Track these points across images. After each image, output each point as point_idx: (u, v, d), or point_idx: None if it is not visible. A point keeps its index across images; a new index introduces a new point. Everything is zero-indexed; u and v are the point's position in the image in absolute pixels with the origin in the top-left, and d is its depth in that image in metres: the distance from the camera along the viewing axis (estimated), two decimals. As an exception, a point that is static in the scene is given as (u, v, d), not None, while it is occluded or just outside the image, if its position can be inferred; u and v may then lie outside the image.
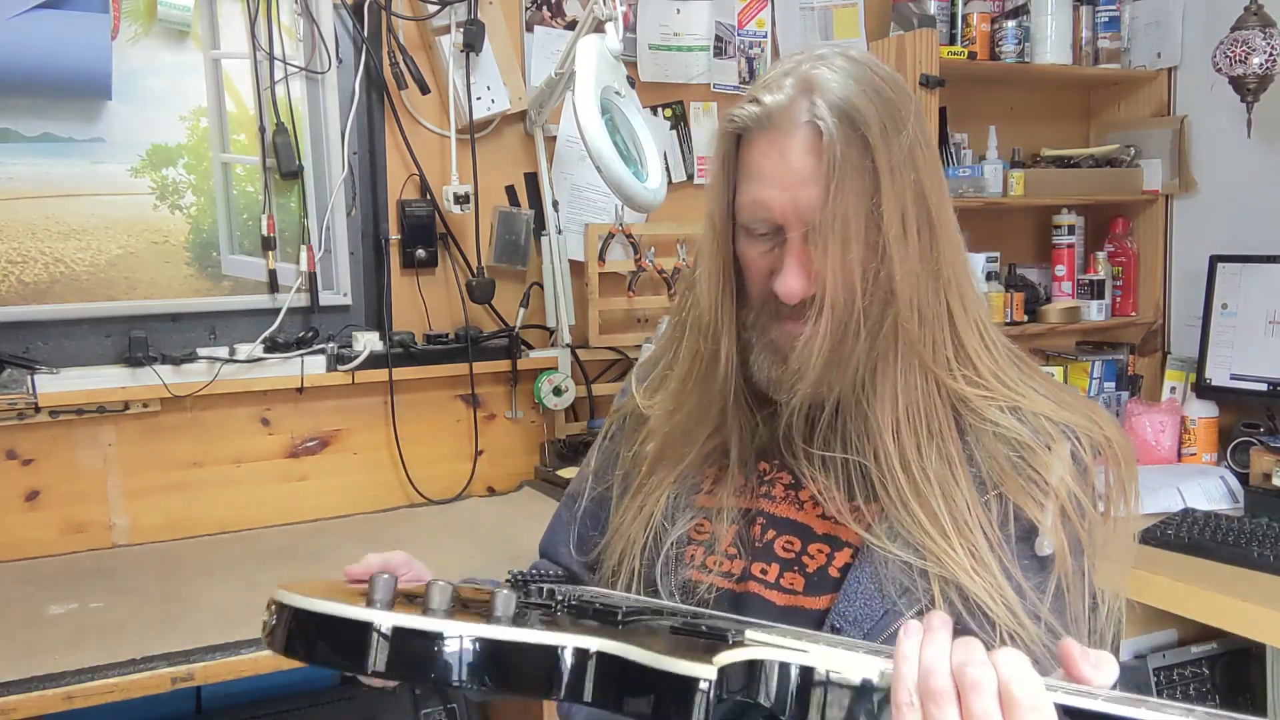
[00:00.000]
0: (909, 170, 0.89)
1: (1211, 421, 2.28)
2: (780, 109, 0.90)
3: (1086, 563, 0.91)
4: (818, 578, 0.93)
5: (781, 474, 0.99)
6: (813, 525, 0.95)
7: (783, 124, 0.90)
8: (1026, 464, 0.90)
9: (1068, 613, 0.89)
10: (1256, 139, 2.35)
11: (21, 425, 1.83)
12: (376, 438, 2.12)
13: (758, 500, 0.98)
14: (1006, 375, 0.95)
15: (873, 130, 0.87)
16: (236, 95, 1.98)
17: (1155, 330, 2.63)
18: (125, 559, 1.83)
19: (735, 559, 0.96)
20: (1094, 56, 2.55)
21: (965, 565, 0.86)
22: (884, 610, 0.88)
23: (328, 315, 2.06)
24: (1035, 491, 0.89)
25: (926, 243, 0.91)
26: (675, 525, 0.99)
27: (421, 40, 2.12)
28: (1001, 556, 0.87)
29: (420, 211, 2.11)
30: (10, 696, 1.27)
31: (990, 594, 0.86)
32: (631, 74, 2.21)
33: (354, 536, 1.93)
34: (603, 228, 2.24)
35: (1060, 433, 0.92)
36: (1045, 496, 0.89)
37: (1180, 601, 1.67)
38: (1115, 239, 2.64)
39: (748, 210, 0.93)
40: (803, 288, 0.90)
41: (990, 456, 0.91)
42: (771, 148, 0.91)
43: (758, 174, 0.92)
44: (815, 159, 0.88)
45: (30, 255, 1.84)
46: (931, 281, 0.91)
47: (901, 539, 0.89)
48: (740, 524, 0.98)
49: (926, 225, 0.90)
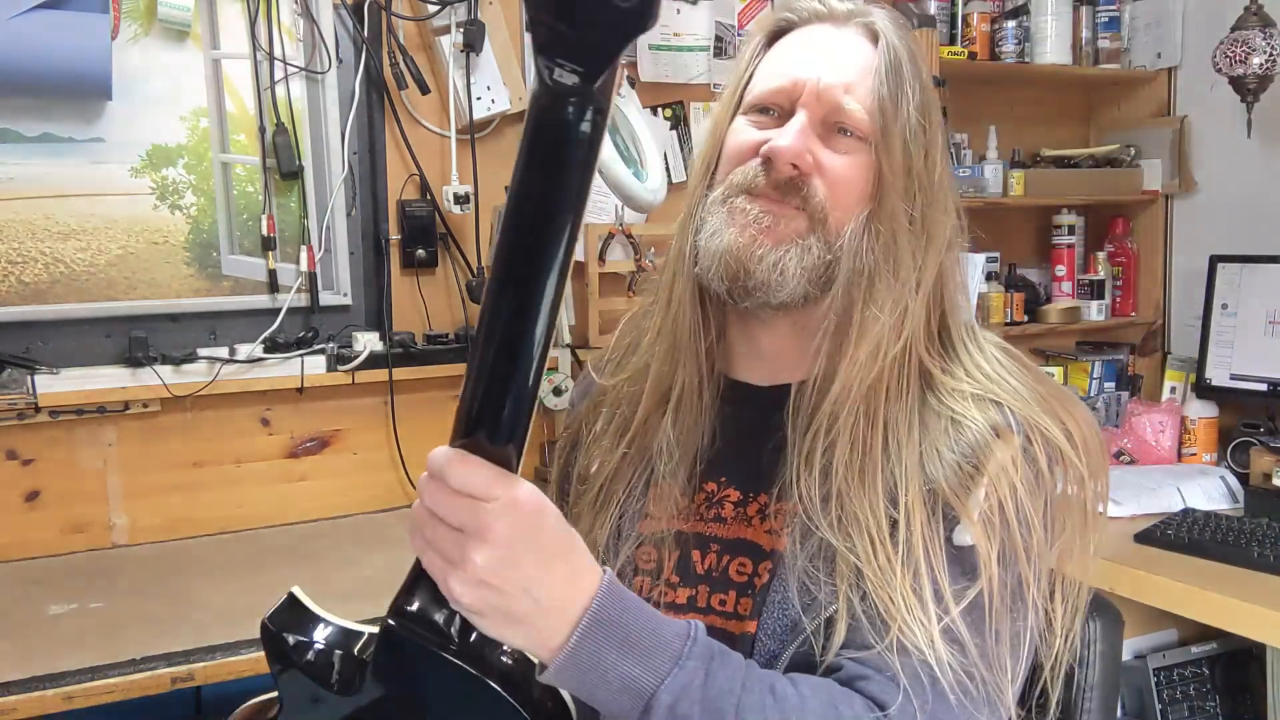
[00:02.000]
0: (936, 140, 0.89)
1: (1211, 421, 2.28)
2: (839, 10, 0.91)
3: (1023, 573, 0.83)
4: (760, 595, 0.87)
5: (729, 490, 0.92)
6: (761, 541, 0.89)
7: (840, 19, 0.91)
8: (972, 453, 0.84)
9: (987, 626, 0.81)
10: (1256, 139, 2.34)
11: (21, 425, 1.83)
12: (376, 438, 2.12)
13: (708, 525, 0.92)
14: (983, 367, 0.90)
15: (924, 79, 0.88)
16: (236, 95, 1.98)
17: (1155, 330, 2.63)
18: (125, 559, 1.83)
19: (679, 587, 0.91)
20: (1094, 56, 2.55)
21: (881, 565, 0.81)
22: (791, 624, 0.84)
23: (328, 315, 2.06)
24: (969, 482, 0.83)
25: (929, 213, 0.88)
26: (620, 555, 0.94)
27: (421, 40, 2.12)
28: (930, 552, 0.81)
29: (420, 211, 2.11)
30: (10, 696, 1.27)
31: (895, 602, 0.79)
32: (631, 74, 2.21)
33: (354, 536, 1.93)
34: (603, 228, 2.24)
35: (1013, 426, 0.85)
36: (975, 485, 0.83)
37: (1180, 601, 1.67)
38: (1115, 239, 2.64)
39: (765, 80, 0.90)
40: (796, 151, 0.85)
41: (933, 445, 0.85)
42: (814, 35, 0.91)
43: (789, 53, 0.91)
44: (867, 55, 0.88)
45: (30, 255, 1.84)
46: (927, 248, 0.88)
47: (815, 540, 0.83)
48: (682, 550, 0.92)
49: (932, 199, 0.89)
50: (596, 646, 0.71)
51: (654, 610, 0.75)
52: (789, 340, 0.91)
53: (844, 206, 0.87)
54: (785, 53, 0.91)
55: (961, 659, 0.79)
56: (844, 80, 0.87)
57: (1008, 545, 0.82)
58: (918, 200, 0.88)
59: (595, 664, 0.71)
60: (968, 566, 0.82)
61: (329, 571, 1.73)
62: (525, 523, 0.68)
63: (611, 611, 0.71)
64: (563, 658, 0.70)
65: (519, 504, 0.68)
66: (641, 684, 0.72)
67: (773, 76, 0.89)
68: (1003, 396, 0.87)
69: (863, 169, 0.87)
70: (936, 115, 0.90)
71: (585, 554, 0.72)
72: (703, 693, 0.72)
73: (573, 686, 0.73)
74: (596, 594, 0.71)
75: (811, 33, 0.91)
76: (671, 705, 0.71)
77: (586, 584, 0.72)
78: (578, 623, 0.70)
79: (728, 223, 0.87)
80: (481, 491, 0.67)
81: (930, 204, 0.88)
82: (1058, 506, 0.87)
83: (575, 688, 0.73)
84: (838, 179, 0.87)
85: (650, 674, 0.72)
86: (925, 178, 0.88)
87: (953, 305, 0.92)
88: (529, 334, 0.64)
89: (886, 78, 0.87)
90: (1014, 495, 0.83)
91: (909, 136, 0.87)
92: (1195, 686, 2.07)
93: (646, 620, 0.73)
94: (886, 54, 0.88)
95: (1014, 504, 0.82)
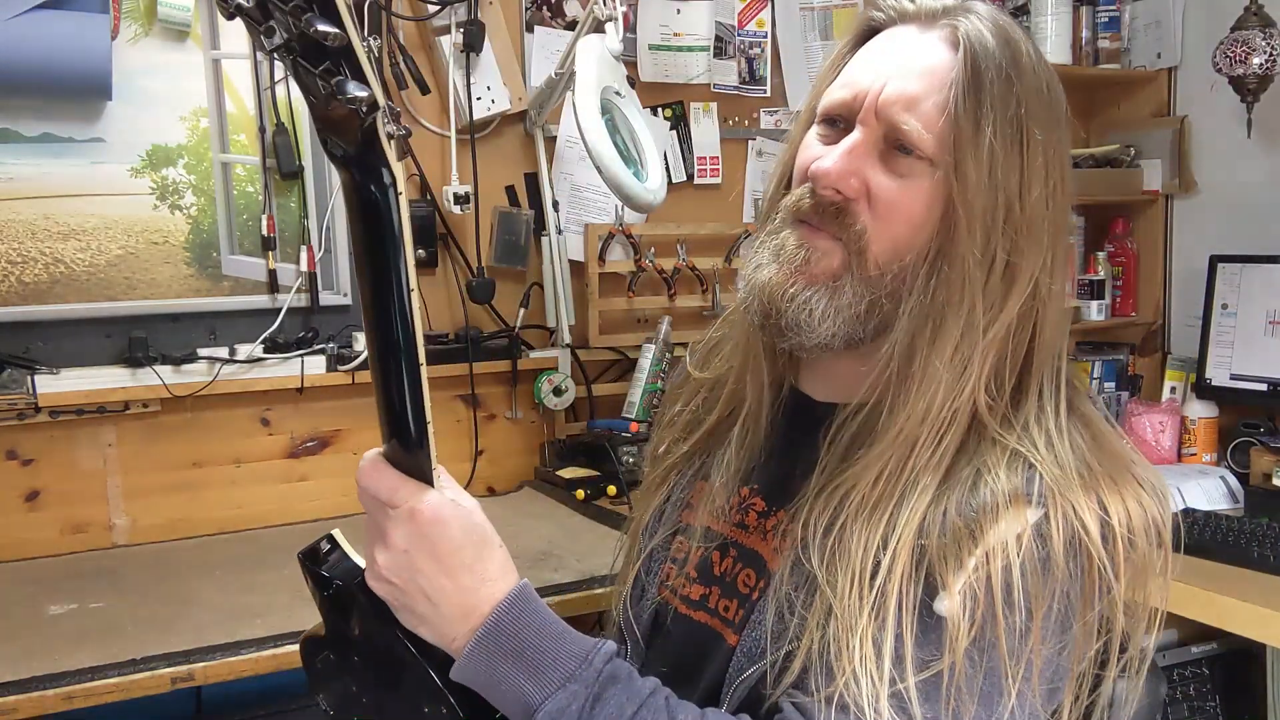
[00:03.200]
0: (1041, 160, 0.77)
1: (1211, 422, 2.28)
2: (929, 9, 0.81)
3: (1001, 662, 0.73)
4: (747, 613, 0.86)
5: (757, 500, 0.90)
6: (767, 558, 0.87)
7: (925, 20, 0.80)
8: (976, 517, 0.74)
9: (944, 705, 0.73)
10: (1256, 139, 2.34)
11: (21, 425, 1.83)
12: (376, 438, 2.11)
13: (734, 529, 0.91)
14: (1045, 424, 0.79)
15: (1025, 80, 0.77)
16: (236, 95, 1.98)
17: (1155, 330, 2.63)
18: (125, 559, 1.83)
19: (695, 583, 0.91)
20: (1094, 56, 2.55)
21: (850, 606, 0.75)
22: (761, 649, 0.81)
23: (328, 315, 2.06)
24: (962, 549, 0.74)
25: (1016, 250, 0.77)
26: (655, 536, 0.97)
27: (421, 40, 2.12)
28: (903, 608, 0.74)
29: (420, 212, 2.11)
30: (10, 696, 1.27)
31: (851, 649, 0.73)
32: (631, 74, 2.21)
33: (354, 537, 1.92)
34: (603, 228, 2.24)
35: (1033, 496, 0.75)
36: (967, 555, 0.73)
37: (1180, 601, 1.67)
38: (1115, 239, 2.64)
39: (834, 90, 0.82)
40: (839, 173, 0.78)
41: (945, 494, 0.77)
42: (897, 38, 0.81)
43: (862, 57, 0.82)
44: (940, 59, 0.78)
45: (30, 255, 1.84)
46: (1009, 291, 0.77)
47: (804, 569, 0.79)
48: (706, 548, 0.91)
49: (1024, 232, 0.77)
50: (488, 655, 0.75)
51: (564, 628, 0.77)
52: (851, 365, 0.85)
53: (892, 235, 0.78)
54: (863, 58, 0.83)
55: None
56: (909, 92, 0.77)
57: (988, 627, 0.73)
58: (1002, 234, 0.77)
59: (489, 671, 0.75)
60: (936, 637, 0.74)
61: (329, 571, 1.72)
62: (421, 532, 0.75)
63: (508, 623, 0.75)
64: (460, 661, 0.75)
65: (415, 515, 0.75)
66: (527, 698, 0.74)
67: (840, 86, 0.82)
68: (1039, 457, 0.76)
69: (923, 195, 0.78)
70: (1045, 134, 0.78)
71: (497, 563, 0.77)
72: (580, 715, 0.74)
73: (474, 688, 0.77)
74: (496, 606, 0.75)
75: (894, 36, 0.82)
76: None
77: (490, 593, 0.76)
78: (475, 630, 0.75)
79: (771, 257, 0.82)
80: (385, 498, 0.76)
81: (1020, 238, 0.77)
82: (1074, 599, 0.76)
83: (477, 689, 0.77)
84: (888, 204, 0.78)
85: (537, 689, 0.74)
86: (1014, 209, 0.77)
87: (1041, 355, 0.81)
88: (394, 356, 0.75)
89: (964, 92, 0.76)
90: (1008, 574, 0.73)
91: (992, 161, 0.76)
92: (1195, 686, 2.07)
93: (546, 636, 0.76)
94: (965, 64, 0.76)
95: (1004, 584, 0.72)
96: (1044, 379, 0.81)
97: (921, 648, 0.74)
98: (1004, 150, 0.76)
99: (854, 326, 0.81)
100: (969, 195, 0.76)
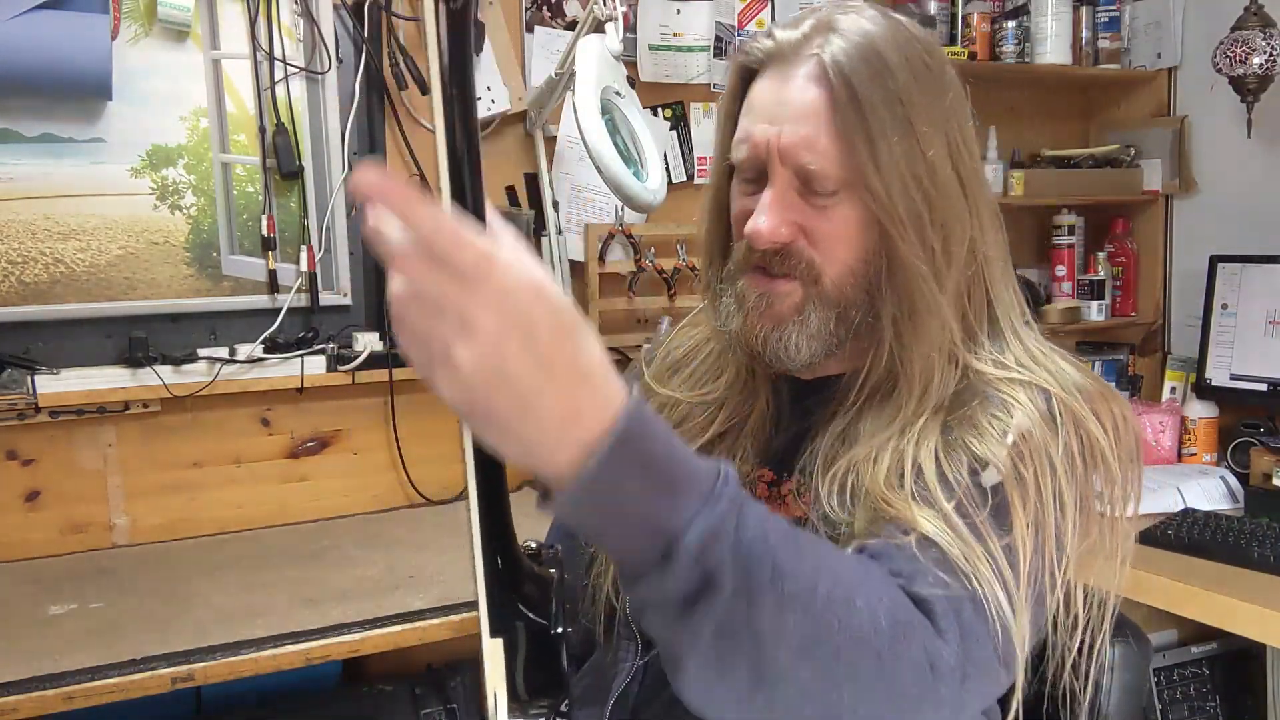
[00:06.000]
0: (941, 131, 0.83)
1: (1211, 422, 2.28)
2: (790, 44, 0.85)
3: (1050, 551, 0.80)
4: None
5: (763, 471, 0.94)
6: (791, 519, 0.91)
7: (790, 58, 0.84)
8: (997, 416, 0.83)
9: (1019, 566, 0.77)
10: (1256, 139, 2.34)
11: (21, 425, 1.83)
12: (376, 438, 2.12)
13: None
14: (1034, 353, 0.89)
15: (899, 78, 0.81)
16: (236, 96, 1.98)
17: (1155, 330, 2.63)
18: (125, 559, 1.83)
19: None
20: (1094, 57, 2.55)
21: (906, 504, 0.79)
22: None
23: (328, 315, 2.06)
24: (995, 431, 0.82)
25: (963, 208, 0.85)
26: None
27: (421, 40, 2.12)
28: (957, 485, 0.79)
29: (420, 212, 2.11)
30: (10, 696, 1.27)
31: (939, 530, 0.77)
32: (631, 74, 2.21)
33: (354, 536, 1.93)
34: (603, 228, 2.24)
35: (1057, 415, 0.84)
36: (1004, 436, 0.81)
37: (1180, 601, 1.67)
38: (1115, 239, 2.64)
39: (737, 147, 0.87)
40: (771, 230, 0.83)
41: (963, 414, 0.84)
42: (773, 81, 0.85)
43: (751, 108, 0.87)
44: (817, 96, 0.82)
45: (30, 255, 1.84)
46: (949, 266, 0.84)
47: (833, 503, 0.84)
48: None
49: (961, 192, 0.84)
50: (615, 471, 0.57)
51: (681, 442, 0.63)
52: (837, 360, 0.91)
53: (838, 259, 0.85)
54: (749, 108, 0.87)
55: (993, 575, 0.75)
56: (802, 134, 0.82)
57: (1040, 512, 0.79)
58: (929, 223, 0.83)
59: (612, 492, 0.58)
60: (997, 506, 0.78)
61: (329, 571, 1.73)
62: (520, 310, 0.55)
63: (636, 432, 0.58)
64: (576, 482, 0.57)
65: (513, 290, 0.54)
66: (665, 521, 0.59)
67: (739, 142, 0.87)
68: (1050, 383, 0.85)
69: (849, 217, 0.84)
70: (932, 113, 0.83)
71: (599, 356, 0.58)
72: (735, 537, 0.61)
73: (582, 518, 0.61)
74: (622, 410, 0.57)
75: (769, 79, 0.86)
76: (700, 549, 0.59)
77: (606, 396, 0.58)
78: (596, 441, 0.57)
79: (735, 305, 0.89)
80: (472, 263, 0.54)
81: (944, 216, 0.84)
82: (1089, 501, 0.84)
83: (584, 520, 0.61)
84: (824, 236, 0.84)
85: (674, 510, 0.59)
86: (930, 195, 0.83)
87: (1001, 306, 0.90)
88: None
89: (845, 117, 0.81)
90: (1050, 471, 0.80)
91: (892, 167, 0.81)
92: (1195, 686, 2.07)
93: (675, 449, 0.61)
94: (839, 91, 0.81)
95: (1049, 477, 0.80)
96: (1012, 320, 0.90)
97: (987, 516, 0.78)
98: (900, 151, 0.82)
99: (830, 341, 0.87)
100: (885, 205, 0.82)
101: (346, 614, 1.50)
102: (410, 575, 1.68)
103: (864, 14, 0.85)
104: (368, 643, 1.46)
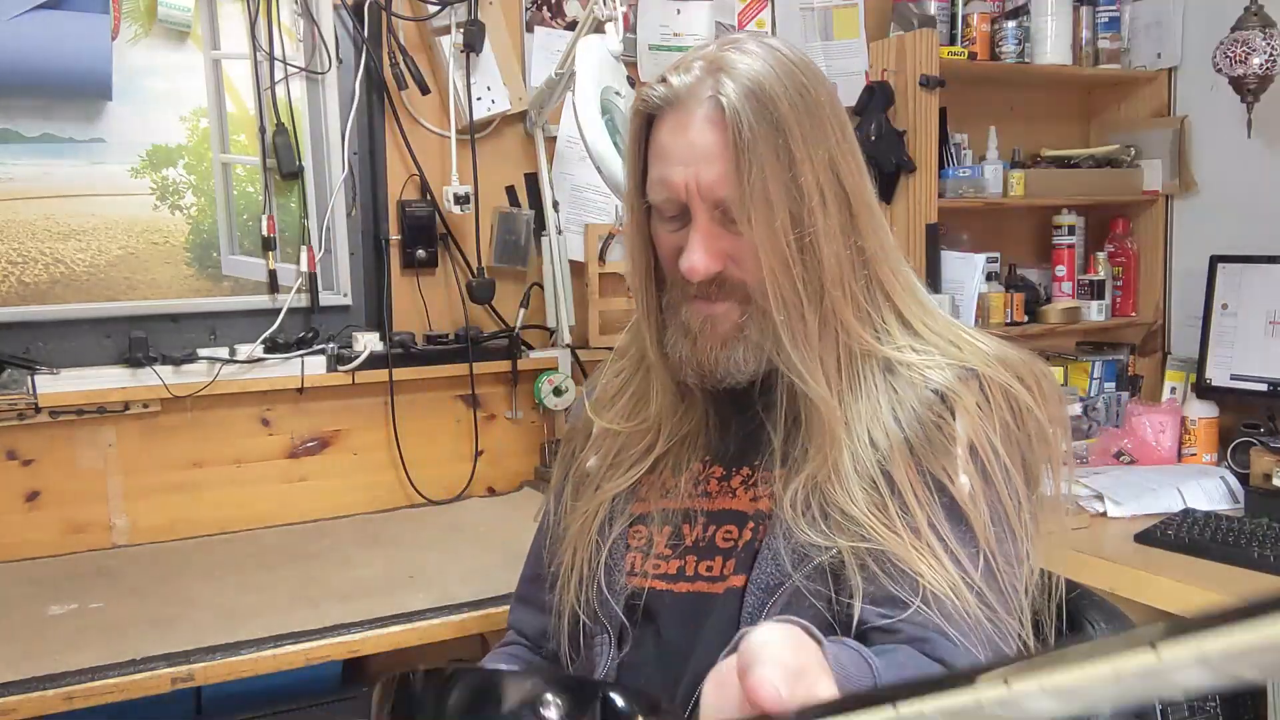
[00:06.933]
0: (821, 151, 0.90)
1: (1211, 422, 2.28)
2: (686, 88, 0.91)
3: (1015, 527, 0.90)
4: (744, 553, 0.94)
5: (714, 468, 1.00)
6: (745, 509, 0.97)
7: (688, 102, 0.91)
8: (945, 421, 0.90)
9: (999, 580, 0.87)
10: (1256, 139, 2.35)
11: (21, 425, 1.83)
12: (376, 438, 2.12)
13: (696, 500, 0.99)
14: (951, 334, 0.97)
15: (780, 109, 0.88)
16: (236, 96, 1.98)
17: (1155, 330, 2.63)
18: (125, 559, 1.83)
19: (670, 559, 0.98)
20: (1094, 57, 2.55)
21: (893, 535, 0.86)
22: (782, 577, 0.89)
23: (328, 315, 2.06)
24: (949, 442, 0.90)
25: (846, 220, 0.92)
26: (612, 531, 1.01)
27: (421, 40, 2.12)
28: (936, 526, 0.87)
29: (420, 212, 2.11)
30: (10, 697, 1.27)
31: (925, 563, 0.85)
32: (632, 74, 2.21)
33: (354, 536, 1.93)
34: (603, 228, 2.24)
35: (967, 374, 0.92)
36: (954, 444, 0.89)
37: (1180, 601, 1.67)
38: (1115, 239, 2.64)
39: (654, 190, 0.94)
40: (705, 265, 0.91)
41: (915, 419, 0.91)
42: (676, 125, 0.92)
43: (662, 153, 0.93)
44: (718, 136, 0.89)
45: (30, 255, 1.84)
46: (857, 256, 0.93)
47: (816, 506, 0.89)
48: (672, 526, 0.99)
49: (844, 205, 0.92)
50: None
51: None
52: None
53: (763, 275, 0.91)
54: (660, 152, 0.93)
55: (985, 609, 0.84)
56: (715, 172, 0.89)
57: (997, 499, 0.89)
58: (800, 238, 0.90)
59: None
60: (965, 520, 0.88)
61: (329, 571, 1.73)
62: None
63: None
64: None
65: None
66: None
67: (656, 185, 0.93)
68: (972, 361, 0.93)
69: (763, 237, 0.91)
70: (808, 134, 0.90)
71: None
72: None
73: None
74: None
75: (671, 123, 0.92)
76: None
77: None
78: None
79: (682, 333, 0.96)
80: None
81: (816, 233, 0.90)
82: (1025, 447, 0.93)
83: None
84: (749, 258, 0.91)
85: None
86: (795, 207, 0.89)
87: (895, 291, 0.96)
88: None
89: (737, 151, 0.88)
90: (1005, 474, 0.89)
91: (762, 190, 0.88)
92: (1195, 687, 2.07)
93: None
94: (732, 127, 0.88)
95: (992, 454, 0.89)
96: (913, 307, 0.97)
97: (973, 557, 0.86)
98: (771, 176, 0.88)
99: (769, 348, 0.94)
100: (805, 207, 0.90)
101: (346, 614, 1.50)
102: (410, 575, 1.68)
103: (746, 49, 0.92)
104: (368, 643, 1.46)
